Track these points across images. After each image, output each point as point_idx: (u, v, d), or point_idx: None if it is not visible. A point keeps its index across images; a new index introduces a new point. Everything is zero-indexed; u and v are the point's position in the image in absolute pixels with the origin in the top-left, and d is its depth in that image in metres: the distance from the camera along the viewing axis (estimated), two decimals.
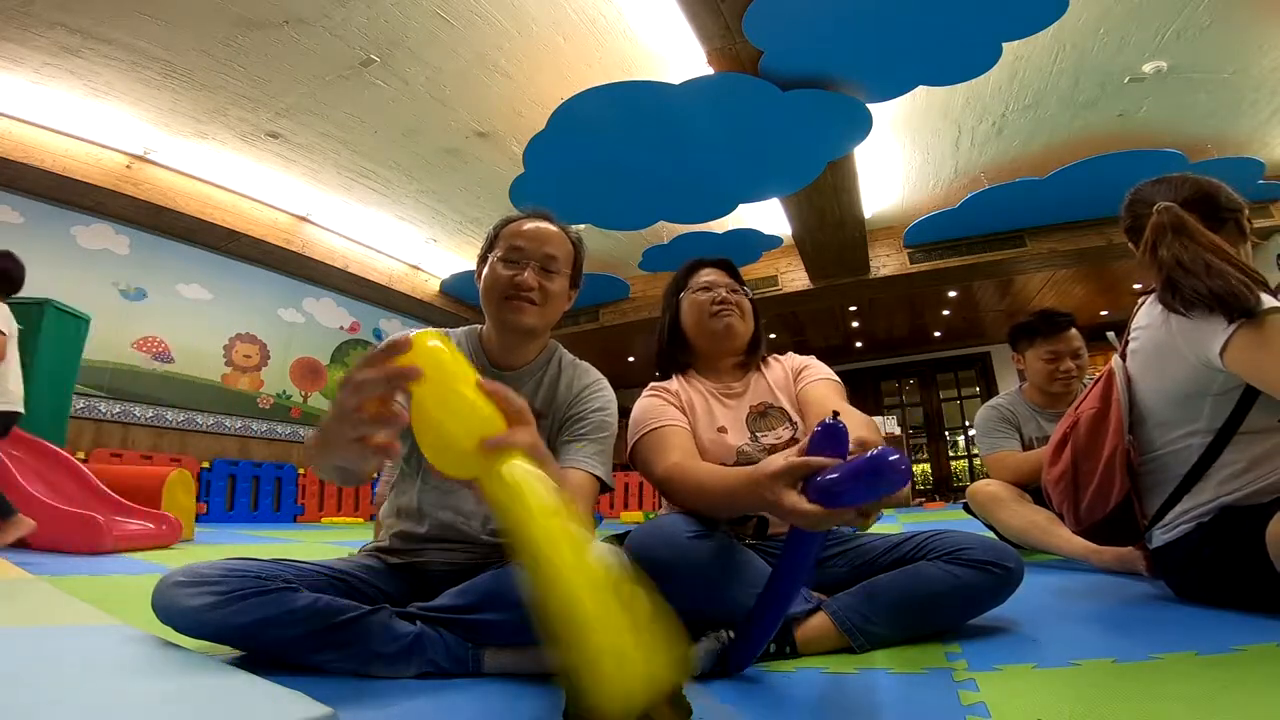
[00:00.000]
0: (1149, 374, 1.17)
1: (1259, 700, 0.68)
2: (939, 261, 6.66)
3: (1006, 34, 3.61)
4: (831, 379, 1.24)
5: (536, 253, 1.04)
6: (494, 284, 1.04)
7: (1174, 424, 1.13)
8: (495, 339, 1.09)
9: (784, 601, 0.79)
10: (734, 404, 1.23)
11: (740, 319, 1.27)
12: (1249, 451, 1.06)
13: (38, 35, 3.95)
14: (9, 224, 5.06)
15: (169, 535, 3.09)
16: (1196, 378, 1.07)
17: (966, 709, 0.68)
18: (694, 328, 1.29)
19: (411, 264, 7.51)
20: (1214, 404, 1.07)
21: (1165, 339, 1.11)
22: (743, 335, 1.28)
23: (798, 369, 1.28)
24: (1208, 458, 1.09)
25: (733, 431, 1.18)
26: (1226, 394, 1.06)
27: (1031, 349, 2.11)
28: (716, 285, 1.29)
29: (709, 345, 1.29)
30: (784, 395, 1.24)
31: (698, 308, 1.28)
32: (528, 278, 1.02)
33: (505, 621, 0.83)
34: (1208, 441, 1.09)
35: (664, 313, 1.36)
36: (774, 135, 4.28)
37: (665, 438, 1.12)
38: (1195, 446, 1.10)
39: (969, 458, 10.54)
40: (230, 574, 0.82)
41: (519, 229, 1.07)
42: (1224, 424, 1.07)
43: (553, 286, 1.05)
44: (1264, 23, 3.88)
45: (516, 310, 1.03)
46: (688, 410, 1.20)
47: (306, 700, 0.60)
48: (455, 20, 3.86)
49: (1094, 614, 1.19)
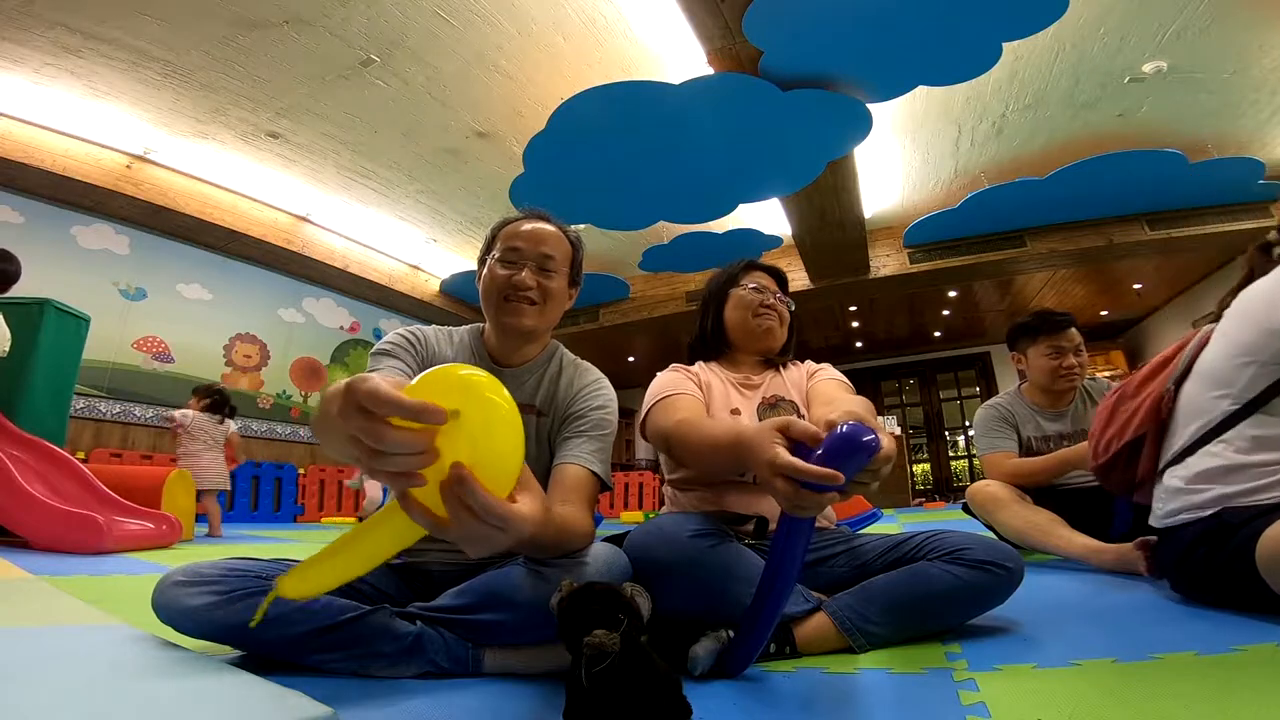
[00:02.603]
0: (1219, 337, 1.17)
1: (1259, 700, 0.68)
2: (939, 261, 6.66)
3: (1006, 34, 3.61)
4: (840, 380, 1.29)
5: (533, 253, 1.05)
6: (492, 285, 1.05)
7: (1214, 382, 1.15)
8: (496, 339, 1.10)
9: (779, 597, 0.79)
10: (750, 394, 1.28)
11: (780, 325, 1.34)
12: (1263, 432, 1.05)
13: (38, 35, 3.96)
14: (9, 224, 5.06)
15: (169, 535, 3.09)
16: (1255, 343, 1.07)
17: (966, 709, 0.68)
18: (737, 322, 1.34)
19: (411, 264, 7.51)
20: (1255, 373, 1.07)
21: (1246, 303, 1.12)
22: (779, 340, 1.35)
23: (812, 371, 1.34)
24: (1225, 425, 1.10)
25: (744, 415, 1.22)
26: (1271, 367, 1.05)
27: (1034, 346, 2.11)
28: (766, 289, 1.35)
29: (746, 341, 1.34)
30: (796, 392, 1.29)
31: (745, 305, 1.33)
32: (525, 278, 1.03)
33: (505, 621, 0.83)
34: (1233, 409, 1.09)
35: (708, 302, 1.40)
36: (774, 135, 4.28)
37: (678, 401, 1.16)
38: (1222, 411, 1.11)
39: (969, 458, 10.53)
40: (230, 573, 0.82)
41: (516, 230, 1.07)
42: (1255, 397, 1.07)
43: (551, 286, 1.06)
44: (1264, 23, 3.88)
45: (515, 311, 1.03)
46: (704, 390, 1.25)
47: (306, 700, 0.60)
48: (455, 20, 3.86)
49: (1094, 614, 1.19)
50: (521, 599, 0.82)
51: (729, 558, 0.94)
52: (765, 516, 1.12)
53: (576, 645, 0.61)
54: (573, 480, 0.94)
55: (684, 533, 0.94)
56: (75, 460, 3.22)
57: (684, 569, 0.90)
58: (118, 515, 2.99)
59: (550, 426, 1.05)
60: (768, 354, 1.35)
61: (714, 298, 1.39)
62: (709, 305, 1.39)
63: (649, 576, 0.90)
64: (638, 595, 0.67)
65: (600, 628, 0.60)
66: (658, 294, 7.78)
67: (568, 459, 0.97)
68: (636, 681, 0.60)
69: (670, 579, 0.90)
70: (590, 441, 1.01)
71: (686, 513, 1.10)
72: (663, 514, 1.19)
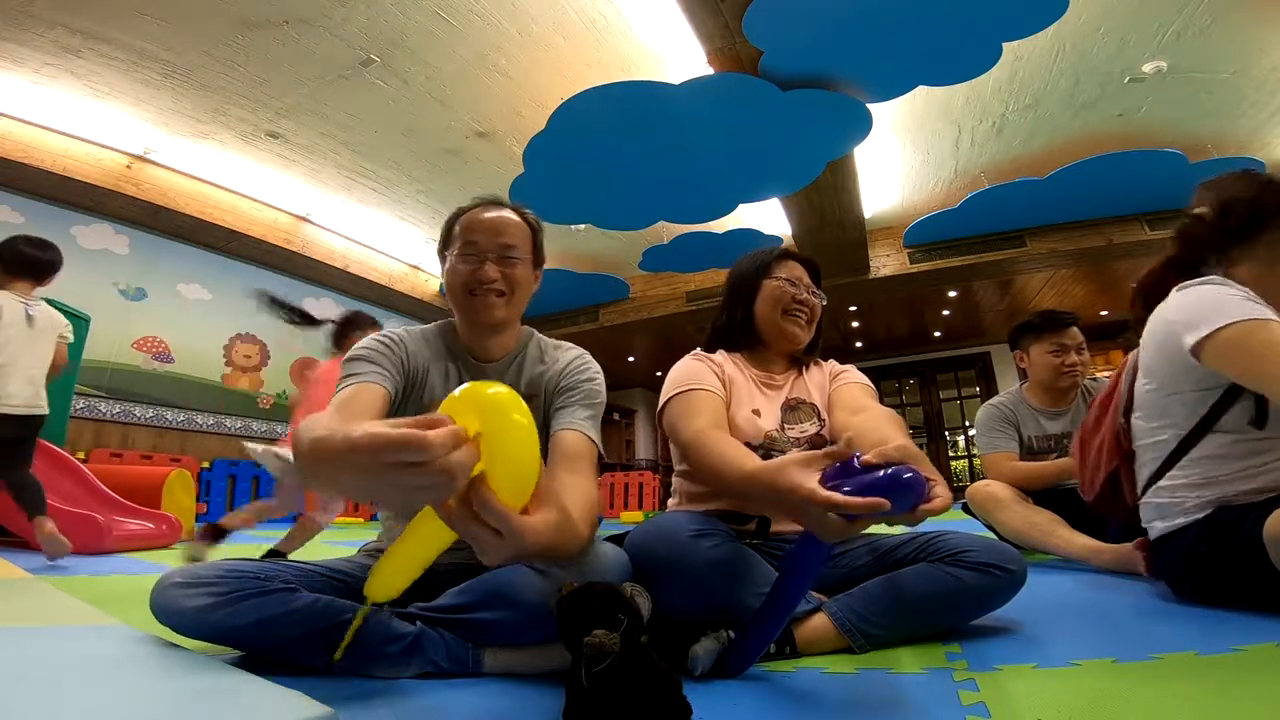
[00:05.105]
0: (1142, 368, 1.21)
1: (1259, 700, 0.68)
2: (939, 261, 6.66)
3: (1006, 34, 3.61)
4: (864, 383, 1.27)
5: (493, 244, 1.03)
6: (455, 281, 1.04)
7: (1153, 416, 1.18)
8: (468, 334, 1.08)
9: (790, 604, 0.79)
10: (772, 395, 1.25)
11: (808, 326, 1.30)
12: (1224, 450, 1.07)
13: (38, 35, 3.95)
14: (9, 224, 5.04)
15: (169, 535, 3.09)
16: (1175, 376, 1.11)
17: (966, 709, 0.68)
18: (766, 315, 1.29)
19: (411, 264, 7.51)
20: (1190, 401, 1.10)
21: (1156, 332, 1.14)
22: (804, 341, 1.30)
23: (836, 373, 1.31)
24: (1181, 451, 1.12)
25: (766, 416, 1.19)
26: (1204, 392, 1.08)
27: (1037, 344, 2.11)
28: (799, 282, 1.29)
29: (772, 335, 1.29)
30: (818, 394, 1.26)
31: (776, 298, 1.28)
32: (488, 271, 1.02)
33: (505, 621, 0.83)
34: (1180, 436, 1.12)
35: (737, 291, 1.33)
36: (774, 135, 4.28)
37: (698, 401, 1.13)
38: (1171, 438, 1.14)
39: (969, 458, 10.53)
40: (229, 574, 0.82)
41: (473, 221, 1.05)
42: (1198, 424, 1.09)
43: (516, 275, 1.04)
44: (1264, 23, 3.88)
45: (484, 306, 1.02)
46: (727, 384, 1.21)
47: (306, 700, 0.60)
48: (455, 20, 3.86)
49: (1094, 614, 1.19)
50: (523, 597, 0.82)
51: (730, 558, 0.93)
52: (767, 516, 1.12)
53: (576, 645, 0.61)
54: (574, 447, 0.94)
55: (684, 532, 0.93)
56: (75, 460, 3.22)
57: (684, 569, 0.90)
58: (118, 515, 2.99)
59: (543, 406, 1.04)
60: (793, 352, 1.32)
61: (744, 287, 1.32)
62: (739, 295, 1.32)
63: (649, 576, 0.90)
64: (638, 595, 0.67)
65: (600, 628, 0.60)
66: (658, 294, 7.78)
67: (564, 425, 0.97)
68: (636, 681, 0.60)
69: (670, 579, 0.90)
70: (583, 409, 1.01)
71: (687, 512, 1.10)
72: (666, 512, 1.19)
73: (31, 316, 2.42)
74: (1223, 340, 0.98)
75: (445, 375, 1.06)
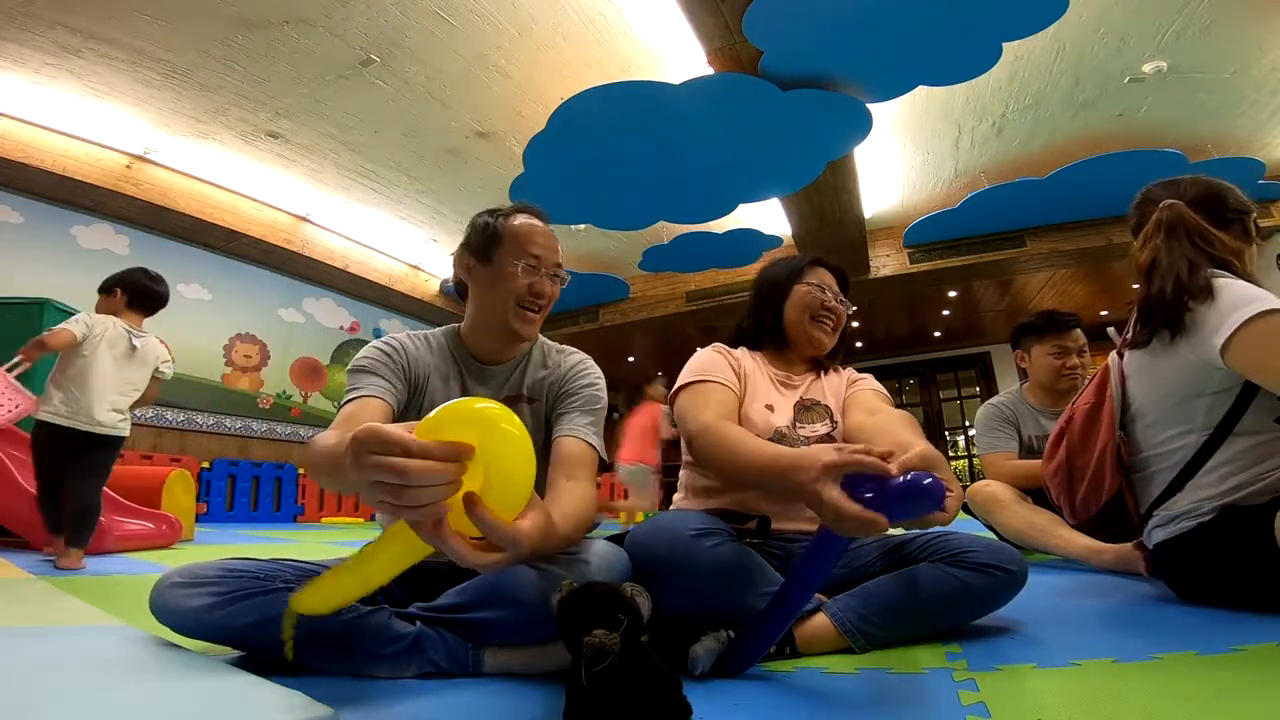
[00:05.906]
0: (1143, 373, 1.17)
1: (1259, 700, 0.68)
2: (939, 261, 6.66)
3: (1006, 34, 3.60)
4: (880, 390, 1.28)
5: (551, 261, 1.05)
6: (509, 287, 1.03)
7: (1166, 423, 1.13)
8: (486, 339, 1.08)
9: (801, 599, 0.79)
10: (788, 393, 1.26)
11: (833, 333, 1.31)
12: (1245, 453, 1.05)
13: (38, 35, 3.95)
14: (9, 224, 5.05)
15: (169, 535, 3.09)
16: (1193, 376, 1.07)
17: (966, 709, 0.68)
18: (794, 320, 1.30)
19: (411, 264, 7.51)
20: (1210, 403, 1.07)
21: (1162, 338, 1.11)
22: (828, 346, 1.32)
23: (853, 380, 1.32)
24: (1201, 456, 1.09)
25: (779, 412, 1.20)
26: (1223, 393, 1.06)
27: (1038, 345, 2.12)
28: (829, 289, 1.31)
29: (798, 339, 1.30)
30: (833, 398, 1.27)
31: (806, 303, 1.29)
32: (546, 286, 1.04)
33: (505, 621, 0.83)
34: (1203, 440, 1.08)
35: (766, 294, 1.35)
36: (774, 135, 4.27)
37: (710, 393, 1.14)
38: (1190, 445, 1.10)
39: (969, 458, 10.53)
40: (228, 574, 0.82)
41: (536, 233, 1.06)
42: (1220, 423, 1.06)
43: (557, 292, 1.08)
44: (1264, 23, 3.88)
45: (529, 320, 1.04)
46: (742, 379, 1.22)
47: (306, 700, 0.60)
48: (455, 20, 3.86)
49: (1094, 614, 1.19)
50: (523, 596, 0.82)
51: (730, 557, 0.93)
52: (767, 516, 1.12)
53: (576, 645, 0.61)
54: (575, 454, 0.95)
55: (685, 531, 0.93)
56: None
57: (685, 568, 0.90)
58: (118, 515, 2.99)
59: (544, 410, 1.06)
60: (816, 356, 1.33)
61: (774, 290, 1.33)
62: (768, 298, 1.34)
63: (649, 575, 0.90)
64: (638, 595, 0.67)
65: (600, 628, 0.60)
66: (658, 294, 7.78)
67: (565, 432, 0.99)
68: (636, 681, 0.60)
69: (671, 578, 0.90)
70: (584, 415, 1.02)
71: (688, 511, 1.09)
72: (669, 510, 1.19)
73: (135, 347, 2.57)
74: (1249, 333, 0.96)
75: (446, 381, 1.06)
